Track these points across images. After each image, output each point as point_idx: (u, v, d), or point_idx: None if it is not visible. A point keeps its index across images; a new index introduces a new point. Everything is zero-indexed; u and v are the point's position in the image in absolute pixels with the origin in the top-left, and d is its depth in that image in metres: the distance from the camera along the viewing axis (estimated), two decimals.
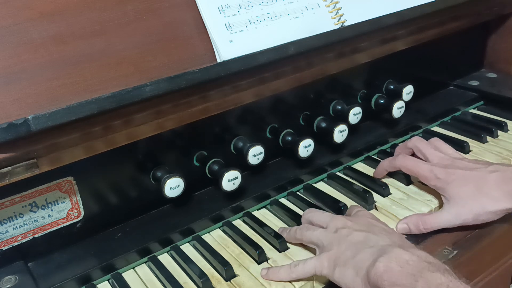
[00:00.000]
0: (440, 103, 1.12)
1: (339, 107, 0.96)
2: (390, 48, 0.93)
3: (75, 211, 0.74)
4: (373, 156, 0.97)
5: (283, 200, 0.86)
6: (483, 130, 1.01)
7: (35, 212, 0.71)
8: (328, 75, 0.87)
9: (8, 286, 0.67)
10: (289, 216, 0.81)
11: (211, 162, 0.81)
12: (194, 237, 0.78)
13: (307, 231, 0.71)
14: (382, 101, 0.99)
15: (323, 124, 0.91)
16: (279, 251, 0.74)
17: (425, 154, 0.83)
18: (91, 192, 0.75)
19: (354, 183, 0.88)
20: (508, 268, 0.83)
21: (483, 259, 0.77)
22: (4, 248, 0.70)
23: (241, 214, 0.83)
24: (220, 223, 0.81)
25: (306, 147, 0.86)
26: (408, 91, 1.00)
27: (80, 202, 0.74)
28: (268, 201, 0.85)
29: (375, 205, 0.82)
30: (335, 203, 0.82)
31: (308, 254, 0.72)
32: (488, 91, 1.14)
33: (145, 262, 0.75)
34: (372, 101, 1.00)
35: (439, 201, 0.81)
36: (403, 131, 1.02)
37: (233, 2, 0.77)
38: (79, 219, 0.75)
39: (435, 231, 0.75)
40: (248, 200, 0.83)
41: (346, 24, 0.84)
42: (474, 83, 1.18)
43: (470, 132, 1.01)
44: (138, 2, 0.70)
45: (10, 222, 0.69)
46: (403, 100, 0.98)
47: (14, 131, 0.57)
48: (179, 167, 0.80)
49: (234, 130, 0.86)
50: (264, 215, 0.83)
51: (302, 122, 0.95)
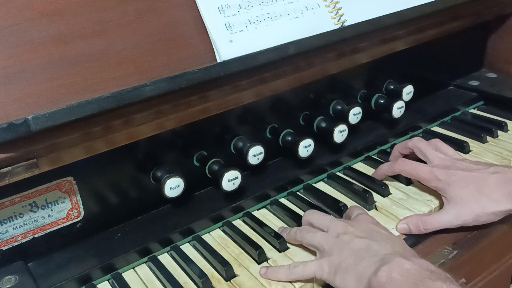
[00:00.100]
0: (440, 103, 1.12)
1: (339, 107, 0.96)
2: (390, 48, 0.93)
3: (75, 211, 0.74)
4: (373, 156, 0.97)
5: (283, 200, 0.86)
6: (483, 130, 1.01)
7: (35, 212, 0.71)
8: (328, 75, 0.87)
9: (8, 286, 0.67)
10: (289, 216, 0.81)
11: (211, 162, 0.81)
12: (194, 237, 0.78)
13: (308, 234, 0.70)
14: (382, 101, 0.99)
15: (323, 124, 0.91)
16: (279, 251, 0.74)
17: (426, 155, 0.83)
18: (91, 192, 0.75)
19: (354, 183, 0.88)
20: (508, 268, 0.83)
21: (483, 259, 0.77)
22: (4, 248, 0.70)
23: (241, 214, 0.83)
24: (220, 223, 0.81)
25: (306, 147, 0.86)
26: (408, 91, 1.00)
27: (80, 202, 0.74)
28: (268, 201, 0.85)
29: (375, 205, 0.82)
30: (335, 203, 0.82)
31: (308, 254, 0.72)
32: (488, 91, 1.14)
33: (145, 262, 0.75)
34: (372, 101, 1.00)
35: (439, 201, 0.81)
36: (403, 131, 1.02)
37: (233, 2, 0.77)
38: (79, 219, 0.75)
39: (435, 231, 0.75)
40: (248, 200, 0.83)
41: (346, 24, 0.84)
42: (474, 83, 1.18)
43: (470, 132, 1.01)
44: (138, 2, 0.70)
45: (10, 222, 0.69)
46: (403, 100, 0.98)
47: (14, 131, 0.57)
48: (179, 167, 0.80)
49: (234, 130, 0.86)
50: (264, 215, 0.83)
51: (302, 122, 0.95)
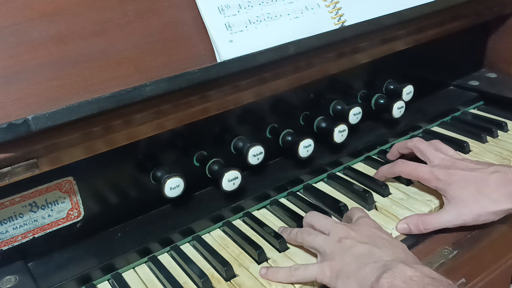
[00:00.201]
0: (440, 103, 1.12)
1: (339, 107, 0.96)
2: (390, 48, 0.93)
3: (75, 211, 0.74)
4: (373, 156, 0.97)
5: (283, 200, 0.86)
6: (483, 130, 1.01)
7: (35, 212, 0.71)
8: (328, 75, 0.87)
9: (8, 286, 0.67)
10: (289, 216, 0.81)
11: (211, 162, 0.81)
12: (194, 237, 0.78)
13: (309, 236, 0.70)
14: (382, 101, 0.99)
15: (323, 124, 0.91)
16: (279, 251, 0.74)
17: (426, 155, 0.83)
18: (91, 192, 0.75)
19: (354, 183, 0.88)
20: (508, 268, 0.83)
21: (483, 259, 0.77)
22: (4, 248, 0.70)
23: (241, 214, 0.83)
24: (220, 223, 0.81)
25: (306, 147, 0.86)
26: (408, 91, 1.00)
27: (80, 202, 0.74)
28: (268, 201, 0.85)
29: (375, 205, 0.82)
30: (335, 203, 0.82)
31: (308, 255, 0.72)
32: (488, 91, 1.14)
33: (145, 262, 0.75)
34: (372, 101, 1.00)
35: (439, 201, 0.81)
36: (403, 131, 1.02)
37: (233, 2, 0.77)
38: (79, 219, 0.75)
39: (435, 231, 0.75)
40: (248, 200, 0.83)
41: (346, 24, 0.84)
42: (474, 83, 1.18)
43: (470, 132, 1.01)
44: (138, 2, 0.70)
45: (10, 222, 0.69)
46: (403, 100, 0.98)
47: (14, 131, 0.57)
48: (179, 167, 0.80)
49: (234, 130, 0.86)
50: (264, 215, 0.83)
51: (302, 122, 0.95)
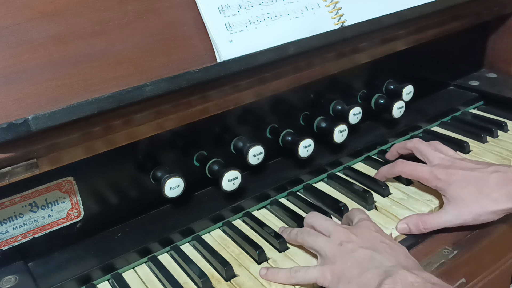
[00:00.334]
0: (440, 103, 1.12)
1: (339, 107, 0.96)
2: (390, 48, 0.93)
3: (75, 211, 0.74)
4: (373, 156, 0.97)
5: (283, 200, 0.86)
6: (483, 130, 1.01)
7: (35, 212, 0.71)
8: (328, 75, 0.87)
9: (8, 286, 0.67)
10: (289, 216, 0.81)
11: (211, 162, 0.81)
12: (194, 237, 0.78)
13: (309, 237, 0.70)
14: (382, 101, 0.99)
15: (323, 124, 0.91)
16: (279, 251, 0.74)
17: (426, 155, 0.83)
18: (91, 192, 0.75)
19: (354, 183, 0.88)
20: (508, 268, 0.83)
21: (483, 259, 0.77)
22: (4, 248, 0.70)
23: (241, 214, 0.83)
24: (220, 223, 0.81)
25: (306, 147, 0.86)
26: (408, 91, 1.00)
27: (80, 202, 0.74)
28: (268, 201, 0.85)
29: (375, 205, 0.82)
30: (335, 203, 0.82)
31: (308, 256, 0.72)
32: (488, 91, 1.14)
33: (145, 262, 0.75)
34: (372, 101, 1.00)
35: (439, 201, 0.81)
36: (403, 131, 1.02)
37: (233, 2, 0.77)
38: (79, 219, 0.75)
39: (435, 231, 0.75)
40: (248, 200, 0.83)
41: (346, 24, 0.84)
42: (474, 83, 1.18)
43: (470, 132, 1.01)
44: (138, 2, 0.70)
45: (10, 222, 0.69)
46: (403, 100, 0.98)
47: (14, 131, 0.57)
48: (179, 167, 0.80)
49: (234, 130, 0.86)
50: (264, 215, 0.83)
51: (302, 122, 0.95)
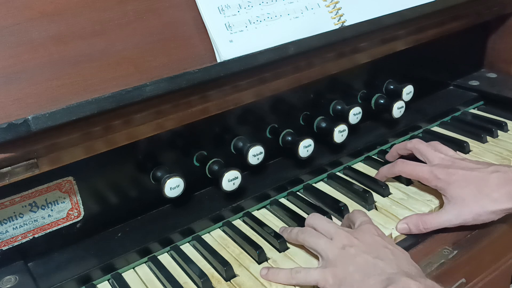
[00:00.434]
0: (440, 103, 1.12)
1: (339, 107, 0.96)
2: (390, 48, 0.93)
3: (75, 211, 0.74)
4: (373, 156, 0.97)
5: (283, 200, 0.86)
6: (483, 130, 1.01)
7: (35, 212, 0.71)
8: (328, 75, 0.87)
9: (8, 286, 0.67)
10: (289, 216, 0.81)
11: (211, 162, 0.81)
12: (194, 237, 0.78)
13: (311, 238, 0.70)
14: (382, 101, 0.99)
15: (323, 124, 0.91)
16: (279, 251, 0.74)
17: (426, 156, 0.83)
18: (91, 192, 0.75)
19: (354, 183, 0.88)
20: (508, 268, 0.83)
21: (483, 259, 0.77)
22: (4, 248, 0.70)
23: (241, 214, 0.83)
24: (220, 223, 0.81)
25: (306, 147, 0.86)
26: (408, 91, 1.00)
27: (80, 202, 0.74)
28: (268, 201, 0.85)
29: (375, 205, 0.82)
30: (335, 203, 0.82)
31: (308, 255, 0.72)
32: (488, 91, 1.14)
33: (145, 262, 0.75)
34: (372, 101, 1.00)
35: (439, 201, 0.81)
36: (403, 131, 1.02)
37: (233, 2, 0.77)
38: (79, 219, 0.75)
39: (435, 231, 0.75)
40: (248, 200, 0.83)
41: (346, 24, 0.84)
42: (474, 83, 1.18)
43: (470, 132, 1.01)
44: (138, 2, 0.70)
45: (10, 222, 0.69)
46: (403, 100, 0.98)
47: (14, 131, 0.57)
48: (179, 167, 0.80)
49: (234, 130, 0.86)
50: (264, 215, 0.83)
51: (302, 122, 0.95)
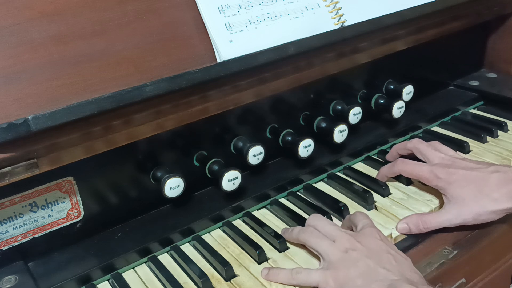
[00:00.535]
0: (440, 103, 1.12)
1: (339, 107, 0.96)
2: (390, 48, 0.93)
3: (75, 211, 0.74)
4: (373, 156, 0.97)
5: (283, 200, 0.86)
6: (483, 130, 1.01)
7: (35, 212, 0.71)
8: (328, 75, 0.87)
9: (8, 286, 0.67)
10: (289, 216, 0.81)
11: (211, 162, 0.81)
12: (194, 237, 0.78)
13: (313, 238, 0.70)
14: (382, 101, 0.99)
15: (323, 124, 0.91)
16: (279, 251, 0.74)
17: (426, 155, 0.83)
18: (91, 192, 0.75)
19: (354, 183, 0.88)
20: (508, 268, 0.83)
21: (483, 259, 0.77)
22: (4, 248, 0.70)
23: (241, 214, 0.83)
24: (220, 223, 0.81)
25: (306, 147, 0.86)
26: (408, 91, 1.00)
27: (80, 202, 0.74)
28: (268, 201, 0.85)
29: (375, 205, 0.82)
30: (335, 203, 0.82)
31: (308, 255, 0.72)
32: (488, 91, 1.14)
33: (145, 262, 0.75)
34: (372, 101, 1.00)
35: (439, 201, 0.81)
36: (403, 131, 1.02)
37: (233, 2, 0.77)
38: (79, 219, 0.75)
39: (435, 231, 0.75)
40: (248, 200, 0.83)
41: (346, 24, 0.84)
42: (474, 83, 1.18)
43: (470, 132, 1.01)
44: (138, 2, 0.70)
45: (10, 222, 0.69)
46: (403, 100, 0.98)
47: (14, 131, 0.57)
48: (179, 167, 0.80)
49: (234, 130, 0.86)
50: (264, 215, 0.83)
51: (302, 122, 0.95)
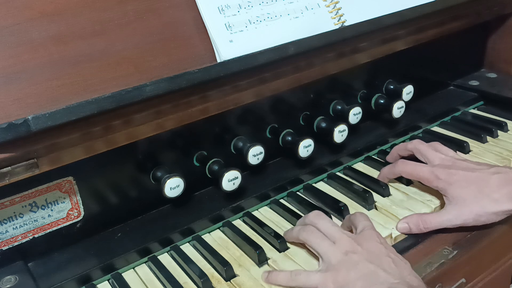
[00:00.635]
0: (440, 103, 1.12)
1: (339, 107, 0.96)
2: (390, 48, 0.93)
3: (75, 211, 0.74)
4: (373, 156, 0.97)
5: (283, 200, 0.86)
6: (483, 130, 1.01)
7: (35, 212, 0.71)
8: (328, 75, 0.87)
9: (8, 286, 0.67)
10: (289, 216, 0.81)
11: (211, 162, 0.81)
12: (194, 237, 0.78)
13: (313, 238, 0.69)
14: (382, 101, 0.99)
15: (323, 124, 0.91)
16: (279, 251, 0.74)
17: (426, 156, 0.83)
18: (91, 192, 0.75)
19: (354, 183, 0.88)
20: (508, 268, 0.83)
21: (483, 259, 0.77)
22: (4, 248, 0.70)
23: (241, 214, 0.83)
24: (220, 223, 0.81)
25: (306, 147, 0.86)
26: (408, 91, 1.00)
27: (80, 202, 0.74)
28: (268, 201, 0.85)
29: (375, 205, 0.82)
30: (335, 203, 0.82)
31: (308, 256, 0.72)
32: (488, 91, 1.14)
33: (145, 262, 0.75)
34: (372, 101, 1.00)
35: (439, 201, 0.81)
36: (403, 131, 1.02)
37: (233, 2, 0.77)
38: (79, 219, 0.75)
39: (435, 231, 0.75)
40: (248, 200, 0.83)
41: (346, 24, 0.84)
42: (474, 83, 1.18)
43: (470, 132, 1.01)
44: (138, 2, 0.70)
45: (10, 222, 0.69)
46: (403, 100, 0.98)
47: (14, 131, 0.57)
48: (179, 167, 0.80)
49: (234, 130, 0.86)
50: (264, 215, 0.83)
51: (302, 122, 0.95)
